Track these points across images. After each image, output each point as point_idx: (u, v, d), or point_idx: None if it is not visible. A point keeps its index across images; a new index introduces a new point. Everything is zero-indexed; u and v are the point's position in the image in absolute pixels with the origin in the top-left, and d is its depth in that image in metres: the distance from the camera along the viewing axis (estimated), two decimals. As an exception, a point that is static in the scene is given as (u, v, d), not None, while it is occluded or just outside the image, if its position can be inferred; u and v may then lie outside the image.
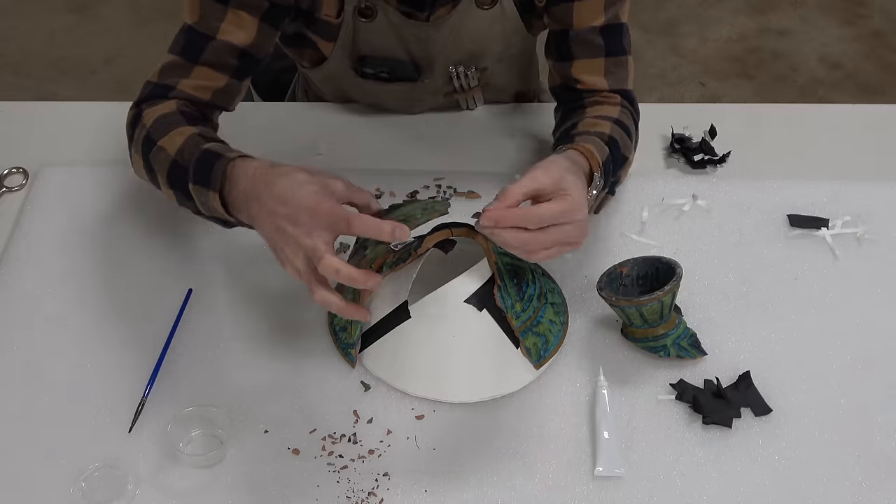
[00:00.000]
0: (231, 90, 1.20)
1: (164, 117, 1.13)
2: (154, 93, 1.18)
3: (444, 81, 1.37)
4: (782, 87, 2.87)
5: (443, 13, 1.26)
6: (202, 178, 1.05)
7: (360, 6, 1.24)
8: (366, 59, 1.32)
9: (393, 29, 1.27)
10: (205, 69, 1.17)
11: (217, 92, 1.18)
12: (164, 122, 1.13)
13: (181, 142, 1.09)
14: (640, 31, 2.99)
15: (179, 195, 1.10)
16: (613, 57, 1.23)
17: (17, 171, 1.34)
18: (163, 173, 1.11)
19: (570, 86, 1.25)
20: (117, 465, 1.00)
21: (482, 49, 1.33)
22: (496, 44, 1.33)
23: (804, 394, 1.09)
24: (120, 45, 3.00)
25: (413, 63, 1.33)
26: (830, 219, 1.27)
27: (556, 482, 1.01)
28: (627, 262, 1.14)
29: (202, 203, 1.07)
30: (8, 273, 1.20)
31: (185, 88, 1.17)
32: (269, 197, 0.98)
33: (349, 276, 0.94)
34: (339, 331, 1.12)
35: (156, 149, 1.11)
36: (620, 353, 1.12)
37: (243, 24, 1.16)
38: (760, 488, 1.00)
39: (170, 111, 1.14)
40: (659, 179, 1.32)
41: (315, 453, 1.03)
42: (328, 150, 1.37)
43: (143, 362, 1.10)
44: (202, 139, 1.10)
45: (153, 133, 1.12)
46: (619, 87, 1.24)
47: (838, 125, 1.43)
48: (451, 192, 1.30)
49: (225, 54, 1.16)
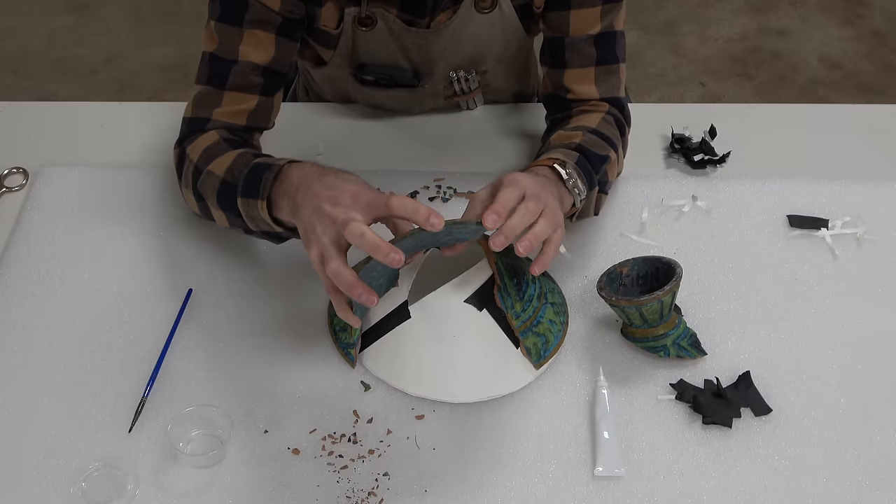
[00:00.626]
0: (264, 108, 1.21)
1: (210, 148, 1.15)
2: (192, 129, 1.19)
3: (445, 86, 1.37)
4: (782, 87, 2.87)
5: (443, 19, 1.26)
6: (250, 190, 1.06)
7: (360, 16, 1.24)
8: (365, 67, 1.32)
9: (393, 37, 1.27)
10: (234, 94, 1.18)
11: (251, 114, 1.20)
12: (211, 152, 1.14)
13: (230, 161, 1.11)
14: (640, 31, 2.98)
15: (229, 215, 1.12)
16: (605, 65, 1.23)
17: (17, 171, 1.34)
18: (212, 196, 1.12)
19: (561, 95, 1.26)
20: (117, 465, 1.00)
21: (482, 53, 1.33)
22: (496, 46, 1.33)
23: (804, 394, 1.09)
24: (120, 45, 3.00)
25: (413, 69, 1.33)
26: (830, 219, 1.27)
27: (556, 482, 1.01)
28: (627, 262, 1.14)
29: (250, 217, 1.08)
30: (8, 273, 1.20)
31: (220, 118, 1.18)
32: (318, 184, 0.99)
33: (373, 242, 0.91)
34: (338, 331, 1.12)
35: (204, 174, 1.13)
36: (620, 353, 1.12)
37: (261, 43, 1.17)
38: (760, 488, 1.00)
39: (213, 142, 1.16)
40: (659, 180, 1.32)
41: (315, 453, 1.03)
42: (328, 150, 1.37)
43: (143, 362, 1.10)
44: (252, 155, 1.11)
45: (200, 164, 1.14)
46: (609, 95, 1.25)
47: (838, 125, 1.43)
48: (451, 192, 1.30)
49: (249, 75, 1.18)
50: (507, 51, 1.36)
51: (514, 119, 1.42)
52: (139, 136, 1.39)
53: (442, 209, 1.27)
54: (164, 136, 1.38)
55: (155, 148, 1.36)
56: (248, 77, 1.18)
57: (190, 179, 1.15)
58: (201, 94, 1.19)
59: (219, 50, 1.18)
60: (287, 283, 1.19)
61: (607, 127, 1.21)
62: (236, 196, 1.08)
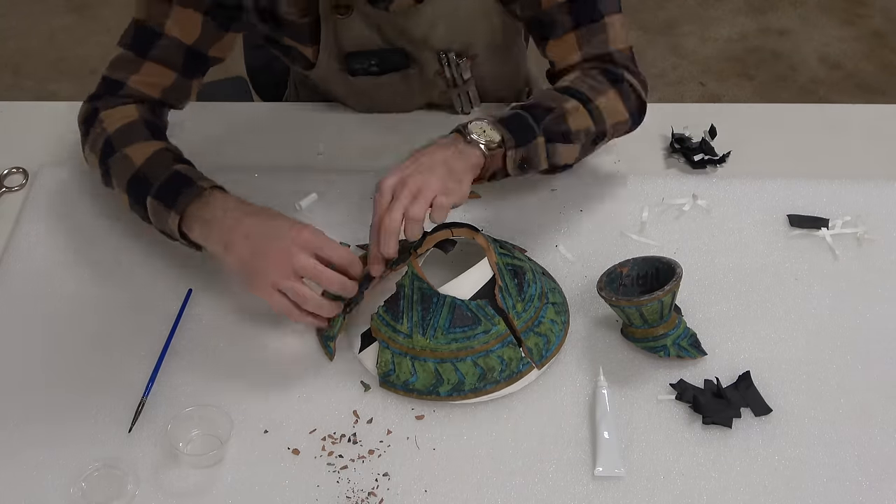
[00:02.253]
0: (180, 88, 1.23)
1: (128, 126, 1.18)
2: (106, 89, 1.22)
3: (436, 70, 1.36)
4: (782, 87, 2.87)
5: (404, 3, 1.24)
6: (166, 198, 1.09)
7: (335, 2, 1.24)
8: (352, 56, 1.32)
9: (370, 21, 1.27)
10: (153, 65, 1.21)
11: (166, 90, 1.22)
12: (128, 130, 1.17)
13: (149, 154, 1.14)
14: (640, 31, 2.99)
15: (132, 201, 1.14)
16: (585, 27, 1.20)
17: (17, 171, 1.34)
18: (122, 178, 1.15)
19: (551, 70, 1.26)
20: (117, 465, 1.00)
21: (467, 33, 1.32)
22: (481, 26, 1.32)
23: (804, 394, 1.09)
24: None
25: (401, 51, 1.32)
26: (830, 219, 1.27)
27: (556, 482, 1.01)
28: (627, 262, 1.14)
29: (155, 216, 1.11)
30: (8, 273, 1.20)
31: (135, 84, 1.21)
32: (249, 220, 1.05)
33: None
34: None
35: (119, 155, 1.16)
36: (620, 353, 1.12)
37: (188, 21, 1.19)
38: (760, 488, 1.00)
39: (132, 120, 1.18)
40: (659, 179, 1.32)
41: (315, 453, 1.03)
42: (328, 150, 1.37)
43: (144, 362, 1.10)
44: (172, 157, 1.14)
45: (115, 140, 1.17)
46: (599, 52, 1.21)
47: (838, 125, 1.43)
48: (451, 192, 1.30)
49: (172, 51, 1.20)
50: (494, 34, 1.35)
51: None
52: (139, 136, 1.39)
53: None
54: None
55: (155, 148, 1.36)
56: (170, 53, 1.20)
57: (99, 148, 1.18)
58: (122, 56, 1.23)
59: (147, 20, 1.20)
60: (287, 283, 1.19)
61: (578, 81, 1.19)
62: (147, 193, 1.11)
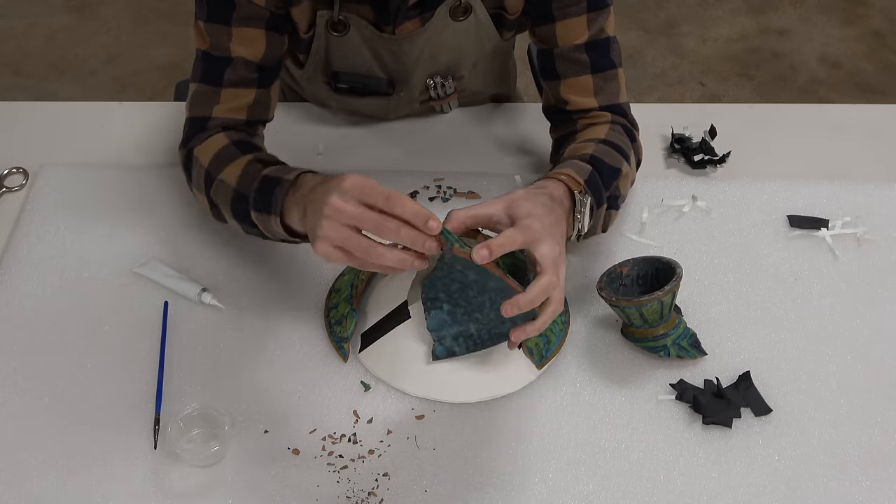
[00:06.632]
0: (263, 101, 1.21)
1: (220, 152, 1.14)
2: (195, 129, 1.19)
3: (421, 91, 1.36)
4: (782, 87, 2.87)
5: (410, 28, 1.24)
6: (263, 205, 1.06)
7: (332, 20, 1.23)
8: (339, 75, 1.31)
9: (366, 43, 1.26)
10: (231, 90, 1.18)
11: (251, 108, 1.19)
12: (221, 156, 1.14)
13: (239, 171, 1.11)
14: (640, 31, 2.99)
15: (245, 225, 1.12)
16: (602, 73, 1.21)
17: (17, 171, 1.34)
18: (226, 206, 1.12)
19: (561, 108, 1.24)
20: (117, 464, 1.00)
21: (458, 59, 1.32)
22: (472, 52, 1.32)
23: (804, 394, 1.09)
24: (120, 45, 3.00)
25: (388, 78, 1.31)
26: (830, 219, 1.27)
27: (556, 482, 1.01)
28: (627, 262, 1.14)
29: (266, 228, 1.08)
30: (8, 273, 1.20)
31: (220, 114, 1.18)
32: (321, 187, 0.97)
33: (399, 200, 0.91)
34: (333, 324, 1.12)
35: (216, 182, 1.13)
36: (620, 353, 1.12)
37: (251, 39, 1.17)
38: (760, 488, 1.00)
39: (222, 146, 1.15)
40: (659, 180, 1.32)
41: (315, 453, 1.03)
42: (328, 151, 1.37)
43: (144, 362, 1.10)
44: (260, 164, 1.10)
45: (211, 170, 1.13)
46: (610, 103, 1.22)
47: (838, 125, 1.43)
48: (451, 192, 1.30)
49: (244, 71, 1.17)
50: (484, 58, 1.35)
51: (515, 119, 1.42)
52: (139, 136, 1.39)
53: (442, 208, 1.27)
54: (164, 136, 1.38)
55: (155, 148, 1.37)
56: (242, 73, 1.17)
57: (202, 184, 1.15)
58: (198, 92, 1.19)
59: (211, 48, 1.18)
60: (287, 283, 1.19)
61: (617, 136, 1.19)
62: (249, 209, 1.08)
